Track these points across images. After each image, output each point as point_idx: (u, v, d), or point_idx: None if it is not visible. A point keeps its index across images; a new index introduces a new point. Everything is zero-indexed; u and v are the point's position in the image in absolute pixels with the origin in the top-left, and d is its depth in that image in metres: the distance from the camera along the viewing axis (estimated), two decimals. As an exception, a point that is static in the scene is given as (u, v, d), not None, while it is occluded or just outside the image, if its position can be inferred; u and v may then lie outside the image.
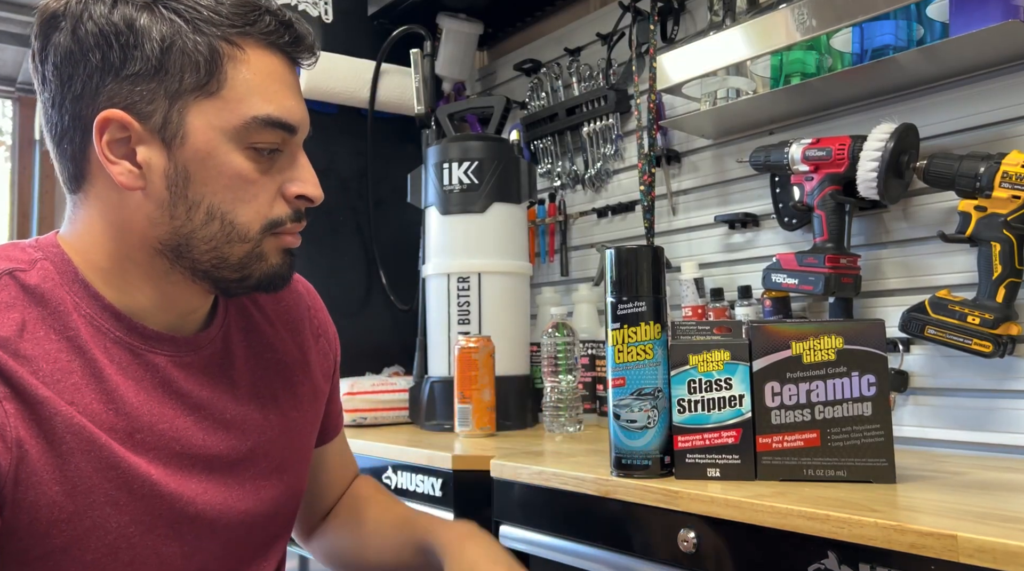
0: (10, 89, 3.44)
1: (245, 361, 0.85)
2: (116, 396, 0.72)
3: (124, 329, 0.75)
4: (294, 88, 0.77)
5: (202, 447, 0.78)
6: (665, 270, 1.06)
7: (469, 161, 1.67)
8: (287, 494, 0.88)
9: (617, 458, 1.02)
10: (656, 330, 1.01)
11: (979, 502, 0.84)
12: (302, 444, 0.91)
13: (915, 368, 1.32)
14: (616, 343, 1.01)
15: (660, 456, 1.01)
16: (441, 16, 2.05)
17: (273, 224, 0.76)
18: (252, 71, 0.73)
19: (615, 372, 1.02)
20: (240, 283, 0.77)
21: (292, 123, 0.75)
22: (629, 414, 1.00)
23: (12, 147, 3.47)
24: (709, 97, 1.56)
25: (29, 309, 0.70)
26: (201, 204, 0.73)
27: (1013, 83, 1.24)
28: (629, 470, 1.01)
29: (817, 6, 1.24)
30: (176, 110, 0.71)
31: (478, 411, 1.53)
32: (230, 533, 0.80)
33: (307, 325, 0.95)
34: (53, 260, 0.74)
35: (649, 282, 1.02)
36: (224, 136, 0.72)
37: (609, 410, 1.03)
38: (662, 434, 1.01)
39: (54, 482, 0.67)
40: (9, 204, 3.47)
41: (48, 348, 0.69)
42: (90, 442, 0.69)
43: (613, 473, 1.02)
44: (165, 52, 0.70)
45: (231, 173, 0.73)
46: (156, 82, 0.70)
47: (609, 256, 1.04)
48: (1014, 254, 1.15)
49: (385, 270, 2.02)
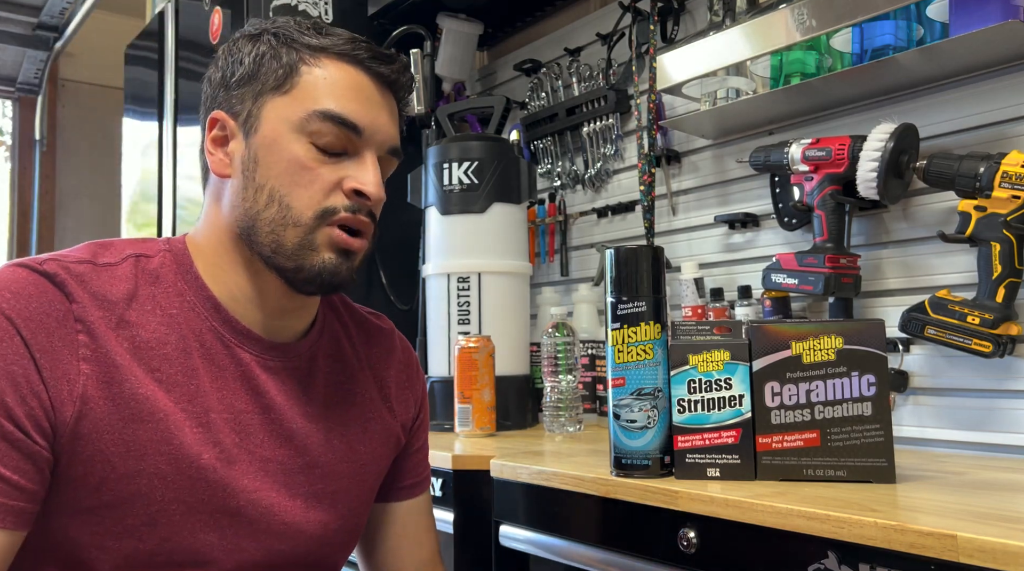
0: (10, 89, 3.44)
1: (325, 384, 0.89)
2: (197, 377, 0.78)
3: (220, 320, 0.81)
4: (364, 96, 0.83)
5: (260, 447, 0.81)
6: (665, 270, 1.06)
7: (469, 161, 1.67)
8: (338, 523, 0.88)
9: (617, 458, 1.02)
10: (656, 330, 1.01)
11: (979, 502, 0.84)
12: (363, 480, 0.91)
13: (915, 368, 1.32)
14: (616, 343, 1.01)
15: (660, 456, 1.00)
16: (441, 16, 2.05)
17: (327, 212, 0.80)
18: (323, 76, 0.82)
19: (615, 372, 1.01)
20: (297, 274, 0.81)
21: (354, 122, 0.81)
22: (629, 414, 1.00)
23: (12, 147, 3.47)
24: (709, 97, 1.56)
25: (143, 285, 0.79)
26: (265, 187, 0.80)
27: (1013, 83, 1.24)
28: (629, 470, 1.01)
29: (817, 6, 1.24)
30: (257, 106, 0.82)
31: (478, 411, 1.53)
32: (271, 540, 0.81)
33: (393, 375, 0.97)
34: (175, 253, 0.83)
35: (649, 282, 1.02)
36: (288, 125, 0.80)
37: (609, 410, 1.03)
38: (662, 434, 1.01)
39: (111, 442, 0.73)
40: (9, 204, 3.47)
41: (151, 319, 0.78)
42: (151, 413, 0.74)
43: (613, 473, 1.02)
44: (258, 63, 0.83)
45: (290, 157, 0.80)
46: (248, 86, 0.83)
47: (609, 256, 1.04)
48: (1014, 254, 1.15)
49: (385, 270, 2.02)
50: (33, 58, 3.34)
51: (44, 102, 3.41)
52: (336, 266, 0.81)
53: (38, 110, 3.41)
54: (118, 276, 0.78)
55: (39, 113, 3.40)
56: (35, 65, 3.37)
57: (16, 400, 0.69)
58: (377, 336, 0.98)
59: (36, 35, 3.30)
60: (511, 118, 2.05)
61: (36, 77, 3.41)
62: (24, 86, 3.42)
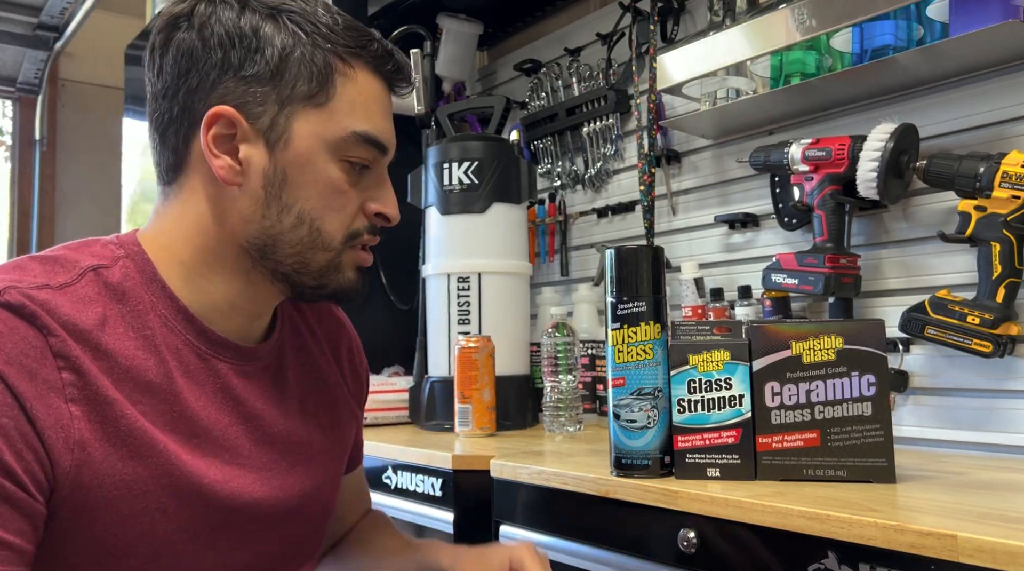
0: (10, 89, 3.44)
1: (295, 378, 0.87)
2: (181, 399, 0.73)
3: (195, 332, 0.76)
4: (389, 113, 0.81)
5: (249, 457, 0.78)
6: (665, 270, 1.06)
7: (469, 161, 1.67)
8: (322, 516, 0.89)
9: (617, 458, 1.02)
10: (656, 330, 1.01)
11: (979, 502, 0.84)
12: (337, 466, 0.92)
13: (915, 368, 1.32)
14: (616, 343, 1.01)
15: (660, 456, 1.01)
16: (441, 16, 2.05)
17: (354, 234, 0.79)
18: (359, 90, 0.77)
19: (615, 372, 1.02)
20: (316, 290, 0.79)
21: (384, 143, 0.79)
22: (629, 414, 1.00)
23: (12, 147, 3.47)
24: (709, 97, 1.56)
25: (110, 305, 0.71)
26: (293, 207, 0.75)
27: (1013, 83, 1.24)
28: (629, 470, 1.01)
29: (817, 6, 1.24)
30: (284, 115, 0.74)
31: (478, 411, 1.53)
32: (270, 547, 0.81)
33: (345, 354, 0.96)
34: (134, 258, 0.75)
35: (649, 282, 1.02)
36: (324, 145, 0.75)
37: (609, 410, 1.03)
38: (662, 434, 1.01)
39: (113, 486, 0.67)
40: (9, 204, 3.47)
41: (126, 344, 0.70)
42: (151, 446, 0.69)
43: (613, 473, 1.02)
44: (284, 60, 0.74)
45: (326, 181, 0.76)
46: (271, 86, 0.74)
47: (609, 256, 1.03)
48: (1014, 254, 1.15)
49: (385, 270, 2.02)
50: (33, 58, 3.34)
51: (44, 102, 3.41)
52: (354, 283, 0.81)
53: (38, 110, 3.41)
54: (83, 298, 0.69)
55: (39, 113, 3.40)
56: (35, 65, 3.37)
57: (12, 456, 0.61)
58: (326, 314, 0.96)
59: (36, 35, 3.30)
60: (511, 118, 2.05)
61: (36, 77, 3.41)
62: (24, 86, 3.41)
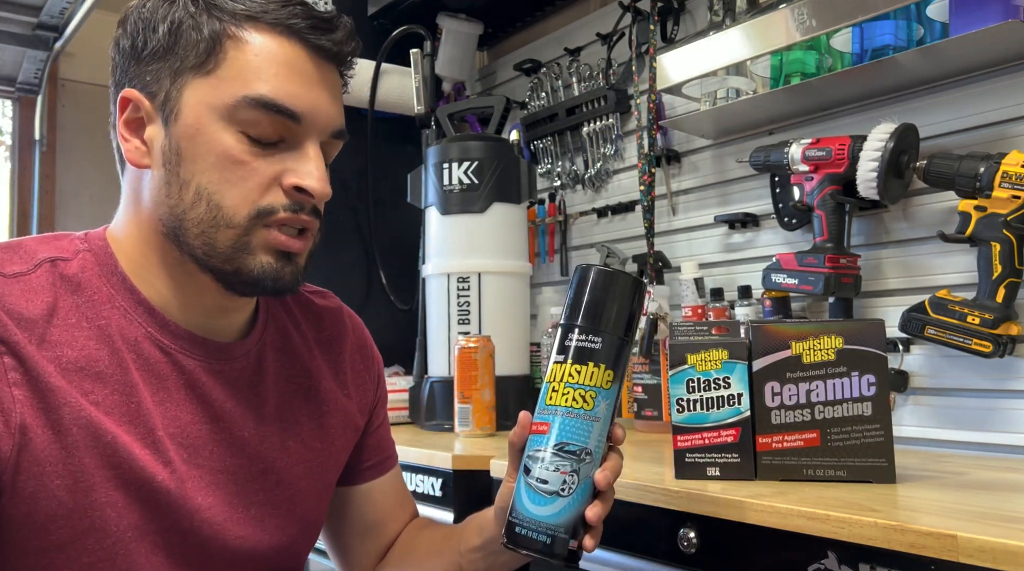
0: (10, 89, 3.44)
1: (275, 381, 0.83)
2: (137, 391, 0.71)
3: (156, 326, 0.74)
4: (303, 75, 0.73)
5: (210, 458, 0.75)
6: (642, 310, 0.79)
7: (469, 161, 1.67)
8: (297, 527, 0.83)
9: (510, 523, 0.73)
10: (606, 378, 0.73)
11: (979, 502, 0.84)
12: (321, 477, 0.86)
13: (915, 368, 1.32)
14: (553, 379, 0.75)
15: (566, 537, 0.71)
16: (441, 16, 2.05)
17: (263, 212, 0.72)
18: (253, 53, 0.71)
19: (539, 414, 0.75)
20: (236, 277, 0.73)
21: (291, 108, 0.71)
22: (542, 471, 0.72)
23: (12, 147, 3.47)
24: (709, 97, 1.56)
25: (64, 296, 0.70)
26: (191, 183, 0.71)
27: (1013, 83, 1.24)
28: (520, 543, 0.72)
29: (817, 6, 1.24)
30: (176, 87, 0.72)
31: (478, 411, 1.53)
32: (226, 555, 0.76)
33: (348, 358, 0.92)
34: (95, 252, 0.74)
35: (618, 318, 0.75)
36: (214, 113, 0.71)
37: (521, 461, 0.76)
38: (575, 509, 0.72)
39: (56, 475, 0.65)
40: (9, 204, 3.47)
41: (77, 335, 0.69)
42: (96, 436, 0.67)
43: (502, 541, 0.74)
44: (174, 33, 0.71)
45: (220, 151, 0.71)
46: (164, 62, 0.72)
47: (577, 273, 0.77)
48: (1014, 254, 1.15)
49: (385, 270, 2.02)
50: (33, 58, 3.33)
51: (44, 102, 3.40)
52: (277, 271, 0.73)
53: (38, 110, 3.40)
54: (33, 287, 0.68)
55: (39, 113, 3.40)
56: (35, 65, 3.37)
57: None
58: (327, 318, 0.92)
59: (36, 35, 3.30)
60: (511, 118, 2.05)
61: (36, 77, 3.41)
62: (24, 86, 3.41)
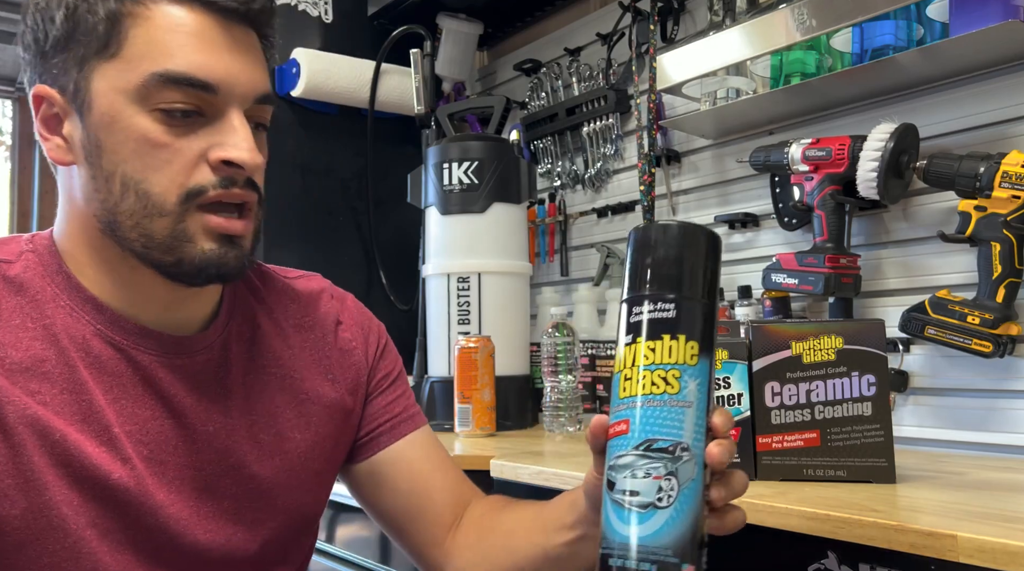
0: (10, 89, 3.44)
1: (243, 373, 0.79)
2: (86, 389, 0.69)
3: (106, 322, 0.71)
4: (214, 43, 0.68)
5: (174, 454, 0.72)
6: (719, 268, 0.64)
7: (469, 161, 1.67)
8: (282, 519, 0.80)
9: (603, 556, 0.57)
10: (690, 352, 0.59)
11: (979, 502, 0.84)
12: (307, 466, 0.83)
13: (915, 368, 1.32)
14: (624, 365, 0.60)
15: (676, 562, 0.55)
16: (441, 16, 2.05)
17: (193, 193, 0.68)
18: (155, 27, 0.67)
19: (616, 412, 0.60)
20: (178, 268, 0.70)
21: (205, 80, 0.67)
22: (629, 481, 0.57)
23: (12, 147, 3.47)
24: (709, 97, 1.55)
25: (6, 298, 0.69)
26: (115, 174, 0.68)
27: (1013, 83, 1.24)
28: None
29: (817, 6, 1.23)
30: (83, 77, 0.68)
31: (478, 411, 1.53)
32: (199, 550, 0.73)
33: (333, 339, 0.88)
34: (39, 252, 0.73)
35: (695, 278, 0.60)
36: (126, 98, 0.67)
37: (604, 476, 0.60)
38: (680, 523, 0.56)
39: (6, 475, 0.64)
40: (9, 204, 3.46)
41: (21, 336, 0.68)
42: (43, 435, 0.66)
43: None
44: (71, 20, 0.68)
45: (136, 137, 0.67)
46: (68, 52, 0.68)
47: (632, 235, 0.63)
48: (1014, 254, 1.15)
49: (385, 270, 2.02)
50: (33, 58, 3.34)
51: (44, 102, 3.41)
52: (221, 256, 0.69)
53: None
54: None
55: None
56: (35, 65, 3.38)
57: None
58: (308, 301, 0.88)
59: (36, 35, 3.30)
60: (511, 118, 2.05)
61: (36, 77, 3.41)
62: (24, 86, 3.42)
